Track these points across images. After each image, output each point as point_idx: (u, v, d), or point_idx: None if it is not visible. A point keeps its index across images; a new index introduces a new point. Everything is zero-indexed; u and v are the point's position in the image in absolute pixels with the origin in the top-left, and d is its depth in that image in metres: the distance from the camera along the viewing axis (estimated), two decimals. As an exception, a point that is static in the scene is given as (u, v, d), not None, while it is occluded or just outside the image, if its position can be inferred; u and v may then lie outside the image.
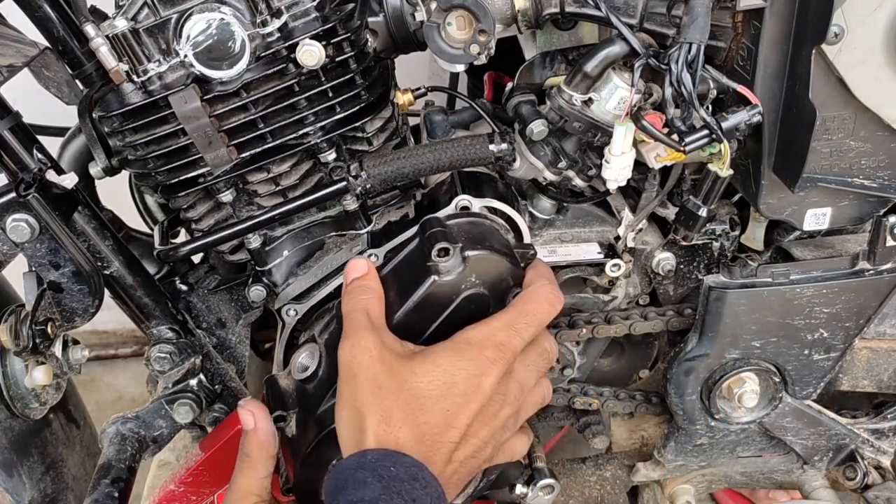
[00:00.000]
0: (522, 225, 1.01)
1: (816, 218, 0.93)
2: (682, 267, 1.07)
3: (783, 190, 0.90)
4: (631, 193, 1.09)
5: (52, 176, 0.91)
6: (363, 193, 0.95)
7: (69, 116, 1.01)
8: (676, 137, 0.83)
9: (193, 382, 1.02)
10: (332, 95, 0.90)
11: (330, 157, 0.95)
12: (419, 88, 1.06)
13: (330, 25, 0.86)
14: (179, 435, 1.05)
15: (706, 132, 0.82)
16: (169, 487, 1.00)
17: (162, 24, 0.84)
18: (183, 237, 1.07)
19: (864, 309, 0.99)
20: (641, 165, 0.93)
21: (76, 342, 1.03)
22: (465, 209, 0.96)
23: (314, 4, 0.86)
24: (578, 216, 1.08)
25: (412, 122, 1.14)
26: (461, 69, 0.96)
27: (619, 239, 1.06)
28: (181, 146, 0.89)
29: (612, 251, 1.07)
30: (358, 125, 0.94)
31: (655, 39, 0.87)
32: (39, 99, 0.95)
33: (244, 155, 0.91)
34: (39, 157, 0.92)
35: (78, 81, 0.91)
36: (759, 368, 1.05)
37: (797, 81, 0.82)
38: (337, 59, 0.88)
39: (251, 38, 0.85)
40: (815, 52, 0.78)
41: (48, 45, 0.90)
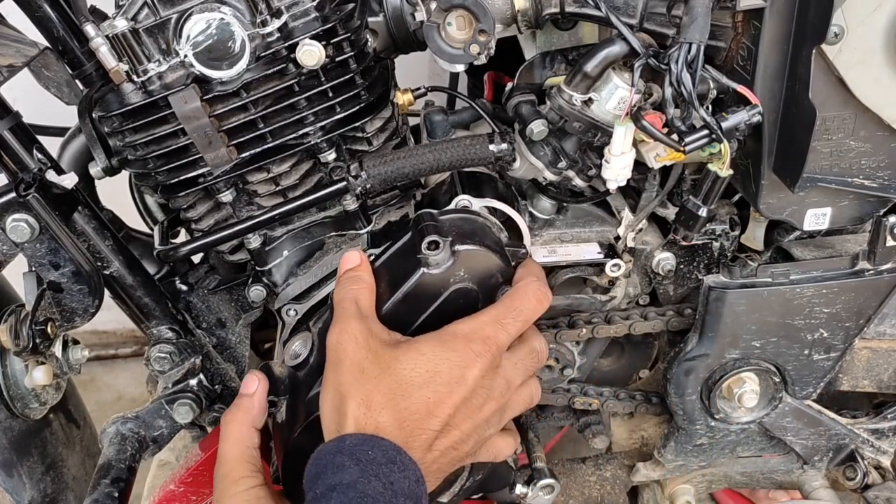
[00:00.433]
0: (522, 225, 1.01)
1: (816, 218, 0.93)
2: (682, 267, 1.07)
3: (783, 190, 0.90)
4: (631, 193, 1.09)
5: (52, 176, 0.91)
6: (363, 193, 0.95)
7: (69, 116, 1.01)
8: (676, 137, 0.83)
9: (193, 382, 1.02)
10: (332, 95, 0.90)
11: (330, 157, 0.95)
12: (419, 88, 1.06)
13: (330, 25, 0.86)
14: (179, 435, 1.05)
15: (706, 132, 0.82)
16: (169, 487, 1.00)
17: (162, 24, 0.84)
18: (183, 237, 1.07)
19: (864, 309, 0.99)
20: (641, 165, 0.93)
21: (76, 342, 1.03)
22: (465, 209, 0.97)
23: (314, 4, 0.86)
24: (578, 216, 1.08)
25: (412, 122, 1.14)
26: (461, 69, 0.96)
27: (619, 239, 1.06)
28: (181, 146, 0.89)
29: (612, 251, 1.07)
30: (358, 125, 0.94)
31: (655, 39, 0.87)
32: (39, 99, 0.95)
33: (244, 155, 0.91)
34: (39, 157, 0.92)
35: (78, 81, 0.91)
36: (759, 368, 1.05)
37: (797, 81, 0.82)
38: (337, 59, 0.88)
39: (251, 38, 0.85)
40: (815, 52, 0.78)
41: (48, 45, 0.90)
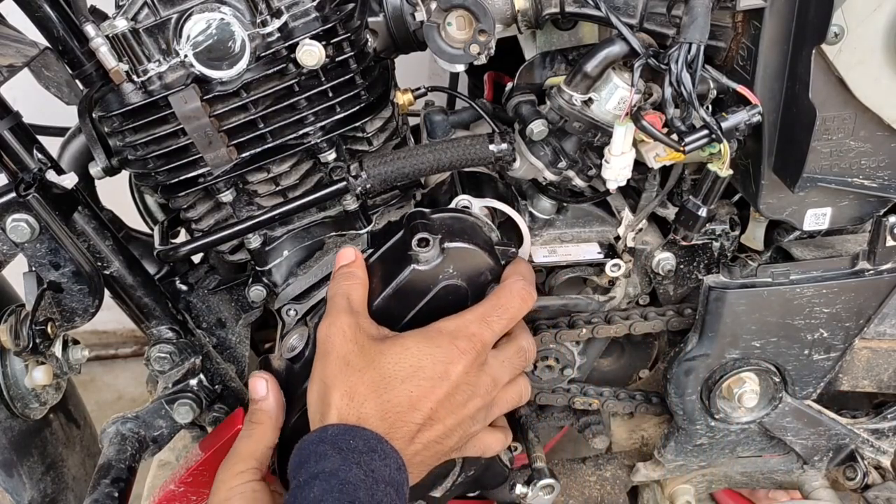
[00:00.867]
0: (522, 225, 1.01)
1: (816, 218, 0.93)
2: (682, 267, 1.07)
3: (783, 190, 0.90)
4: (631, 193, 1.09)
5: (52, 176, 0.91)
6: (363, 193, 0.95)
7: (69, 116, 1.01)
8: (676, 137, 0.83)
9: (193, 382, 1.02)
10: (332, 95, 0.90)
11: (330, 157, 0.95)
12: (419, 88, 1.06)
13: (330, 25, 0.86)
14: (179, 435, 1.05)
15: (706, 132, 0.82)
16: (169, 487, 1.00)
17: (162, 24, 0.84)
18: (183, 237, 1.07)
19: (864, 309, 0.99)
20: (641, 165, 0.93)
21: (76, 342, 1.03)
22: (465, 209, 0.97)
23: (314, 4, 0.86)
24: (578, 216, 1.08)
25: (412, 122, 1.14)
26: (461, 69, 0.96)
27: (619, 239, 1.06)
28: (181, 146, 0.89)
29: (612, 251, 1.07)
30: (358, 125, 0.94)
31: (655, 39, 0.87)
32: (39, 99, 0.95)
33: (244, 155, 0.91)
34: (39, 157, 0.92)
35: (78, 81, 0.91)
36: (759, 368, 1.05)
37: (797, 81, 0.82)
38: (337, 59, 0.88)
39: (251, 38, 0.85)
40: (815, 52, 0.78)
41: (48, 45, 0.90)
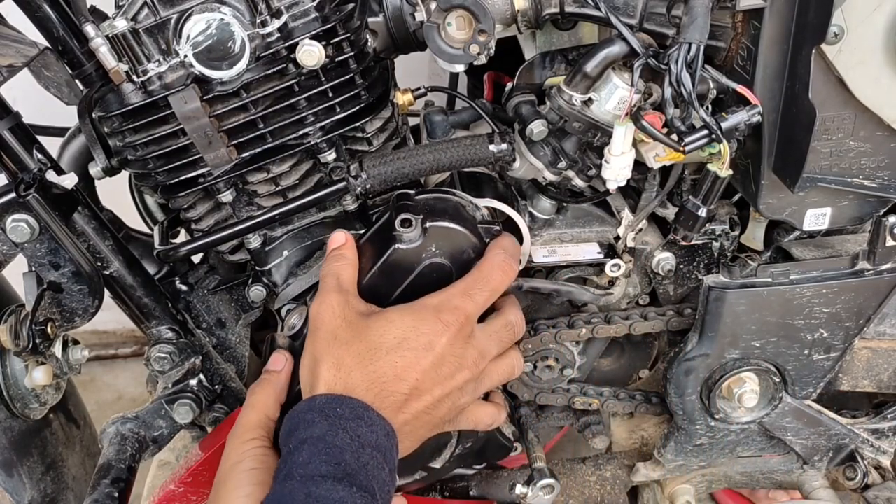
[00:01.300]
0: (522, 225, 1.01)
1: (816, 218, 0.93)
2: (681, 267, 1.07)
3: (783, 190, 0.90)
4: (631, 193, 1.09)
5: (52, 176, 0.91)
6: (363, 193, 0.95)
7: (69, 116, 1.01)
8: (676, 137, 0.83)
9: (193, 382, 1.02)
10: (332, 95, 0.90)
11: (330, 157, 0.95)
12: (419, 88, 1.06)
13: (330, 25, 0.86)
14: (179, 435, 1.05)
15: (706, 132, 0.82)
16: (169, 487, 1.00)
17: (162, 24, 0.84)
18: (183, 237, 1.07)
19: (864, 309, 0.99)
20: (641, 165, 0.93)
21: (76, 342, 1.03)
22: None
23: (314, 4, 0.86)
24: (578, 216, 1.08)
25: (412, 122, 1.14)
26: (461, 69, 0.96)
27: (618, 239, 1.06)
28: (181, 146, 0.89)
29: (612, 251, 1.07)
30: (358, 125, 0.94)
31: (655, 39, 0.87)
32: (39, 99, 0.95)
33: (244, 155, 0.91)
34: (39, 157, 0.92)
35: (78, 81, 0.91)
36: (759, 368, 1.05)
37: (797, 81, 0.82)
38: (337, 59, 0.88)
39: (251, 38, 0.85)
40: (815, 52, 0.78)
41: (48, 45, 0.90)
